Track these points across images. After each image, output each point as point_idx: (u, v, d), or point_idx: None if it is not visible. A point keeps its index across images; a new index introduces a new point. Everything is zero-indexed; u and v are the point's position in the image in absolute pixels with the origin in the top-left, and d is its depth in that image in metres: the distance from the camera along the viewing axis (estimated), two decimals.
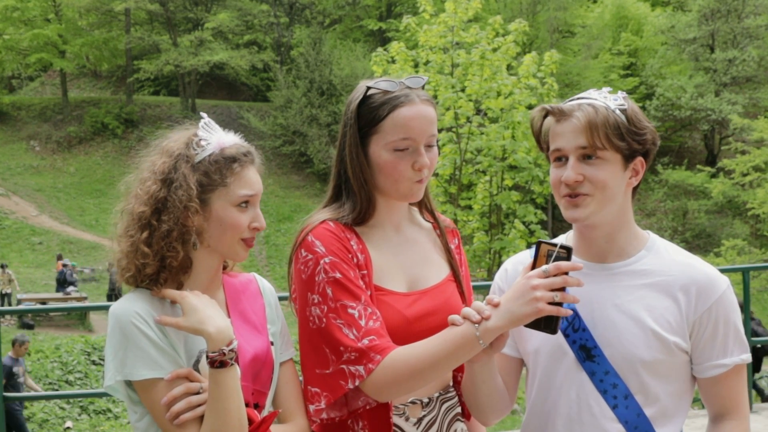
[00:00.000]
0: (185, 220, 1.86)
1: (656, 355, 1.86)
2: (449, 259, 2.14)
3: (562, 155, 1.89)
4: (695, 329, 1.89)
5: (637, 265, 1.93)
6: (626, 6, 38.91)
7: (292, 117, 35.98)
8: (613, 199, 1.89)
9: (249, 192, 1.90)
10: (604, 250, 1.95)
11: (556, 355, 1.94)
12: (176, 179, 1.87)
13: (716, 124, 34.01)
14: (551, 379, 1.96)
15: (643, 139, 1.89)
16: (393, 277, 2.03)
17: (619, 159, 1.87)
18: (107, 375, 1.84)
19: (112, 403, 12.61)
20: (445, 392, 2.08)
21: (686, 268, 1.92)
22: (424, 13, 16.87)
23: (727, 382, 1.92)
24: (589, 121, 1.85)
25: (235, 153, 1.91)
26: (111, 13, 39.73)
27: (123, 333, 1.81)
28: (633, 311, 1.88)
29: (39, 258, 27.57)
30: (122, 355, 1.80)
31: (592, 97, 1.90)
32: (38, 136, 37.71)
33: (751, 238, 29.71)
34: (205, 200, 1.88)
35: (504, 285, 2.09)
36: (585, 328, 1.91)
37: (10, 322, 18.98)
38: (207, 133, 1.93)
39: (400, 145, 1.96)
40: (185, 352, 1.85)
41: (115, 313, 1.83)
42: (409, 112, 1.96)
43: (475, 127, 15.85)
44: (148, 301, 1.86)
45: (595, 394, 1.89)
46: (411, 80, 2.02)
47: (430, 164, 2.00)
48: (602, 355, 1.88)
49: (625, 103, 1.90)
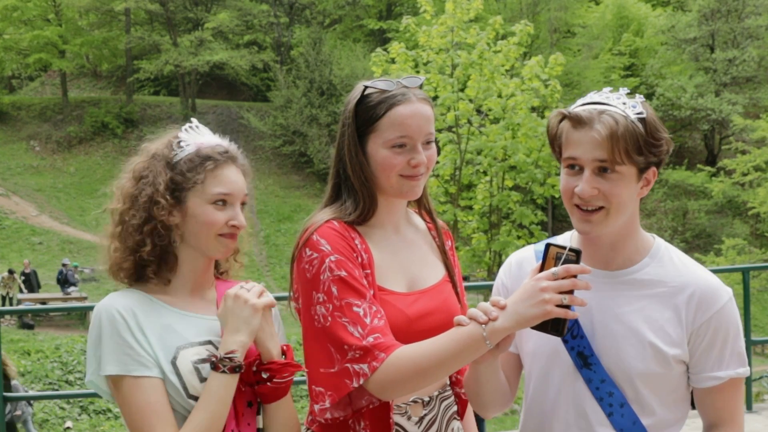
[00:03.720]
0: (154, 214, 1.90)
1: (653, 368, 1.85)
2: (445, 260, 2.16)
3: (576, 164, 1.83)
4: (692, 339, 1.87)
5: (640, 274, 1.90)
6: (627, 6, 38.90)
7: (292, 117, 35.97)
8: (625, 212, 1.85)
9: (223, 190, 1.93)
10: (608, 258, 1.93)
11: (554, 359, 1.93)
12: (147, 176, 1.93)
13: (716, 124, 34.02)
14: (548, 382, 1.95)
15: (660, 150, 1.83)
16: (394, 277, 2.04)
17: (635, 172, 1.82)
18: (88, 371, 1.89)
19: (112, 403, 12.58)
20: (443, 391, 2.10)
21: (689, 277, 1.89)
22: (424, 13, 16.86)
23: (722, 395, 1.90)
24: (612, 135, 1.77)
25: (210, 152, 1.94)
26: (111, 13, 39.71)
27: (100, 329, 1.86)
28: (632, 323, 1.86)
29: (39, 258, 27.55)
30: (99, 352, 1.85)
31: (610, 103, 1.82)
32: (38, 136, 37.69)
33: (751, 237, 29.73)
34: (182, 198, 1.93)
35: (508, 280, 2.06)
36: (583, 336, 1.89)
37: (10, 322, 18.98)
38: (188, 135, 1.98)
39: (397, 143, 1.98)
40: (162, 348, 1.87)
41: (97, 310, 1.89)
42: (406, 111, 1.98)
43: (475, 127, 15.85)
44: (132, 299, 1.91)
45: (591, 401, 1.88)
46: (408, 80, 2.03)
47: (428, 162, 2.01)
48: (599, 364, 1.87)
49: (643, 110, 1.82)
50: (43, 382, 13.08)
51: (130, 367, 1.82)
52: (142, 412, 1.81)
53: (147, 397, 1.82)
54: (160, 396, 1.83)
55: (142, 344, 1.85)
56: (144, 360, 1.83)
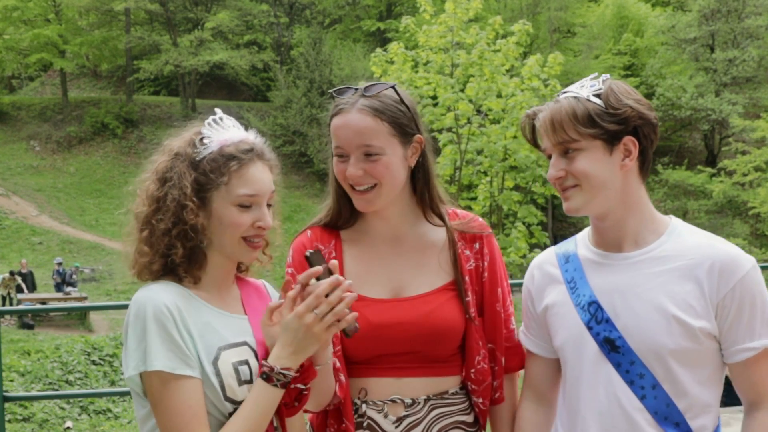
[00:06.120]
0: (183, 217, 1.83)
1: (681, 343, 1.83)
2: (455, 266, 2.08)
3: (547, 154, 1.92)
4: (720, 311, 1.83)
5: (657, 252, 1.89)
6: (627, 6, 38.88)
7: (292, 117, 35.98)
8: (604, 186, 1.87)
9: (248, 191, 1.85)
10: (618, 238, 1.93)
11: (581, 348, 1.93)
12: (172, 178, 1.85)
13: (716, 124, 33.98)
14: (578, 372, 1.95)
15: (623, 118, 1.84)
16: (374, 282, 2.05)
17: (600, 145, 1.85)
18: (128, 365, 1.79)
19: (112, 403, 12.60)
20: (439, 398, 2.06)
21: (708, 249, 1.87)
22: (424, 13, 16.85)
23: (758, 367, 1.85)
24: (551, 118, 1.87)
25: (233, 151, 1.86)
26: (111, 12, 39.69)
27: (146, 322, 1.77)
28: (654, 299, 1.85)
29: (39, 258, 27.53)
30: (144, 346, 1.76)
31: (570, 90, 1.90)
32: (38, 136, 37.68)
33: (751, 237, 29.70)
34: (206, 199, 1.86)
35: (532, 286, 2.09)
36: (608, 319, 1.88)
37: (10, 323, 18.98)
38: (211, 131, 1.90)
39: (336, 152, 2.02)
40: (204, 348, 1.81)
41: (140, 302, 1.80)
42: (338, 122, 2.00)
43: (475, 127, 15.83)
44: (175, 294, 1.83)
45: (622, 386, 1.87)
46: (339, 90, 2.06)
47: (361, 174, 1.99)
48: (627, 346, 1.86)
49: (601, 86, 1.87)
50: (43, 382, 13.06)
51: (175, 365, 1.75)
52: (181, 413, 1.75)
53: (187, 398, 1.75)
54: (199, 398, 1.77)
55: (187, 343, 1.78)
56: (189, 360, 1.77)
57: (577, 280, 1.96)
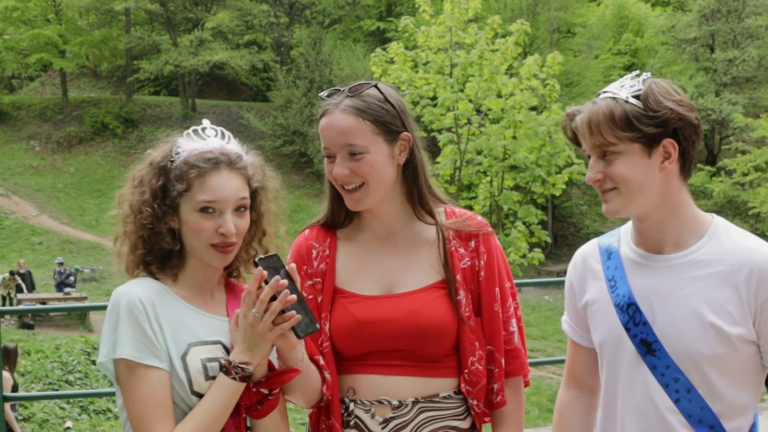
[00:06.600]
0: (147, 221, 1.96)
1: (717, 350, 1.82)
2: (446, 264, 2.07)
3: (587, 154, 1.91)
4: (758, 318, 1.82)
5: (697, 255, 1.88)
6: (627, 6, 38.89)
7: (292, 117, 35.96)
8: (642, 189, 1.85)
9: (207, 198, 1.93)
10: (659, 241, 1.92)
11: (619, 348, 1.93)
12: (142, 183, 1.99)
13: (716, 123, 33.97)
14: (616, 371, 1.96)
15: (662, 120, 1.80)
16: (366, 279, 2.07)
17: (638, 148, 1.82)
18: (101, 352, 1.92)
19: (112, 403, 12.60)
20: (428, 401, 2.04)
21: (749, 253, 1.84)
22: (423, 13, 16.84)
23: None
24: (588, 120, 1.84)
25: (195, 160, 1.95)
26: (111, 12, 39.69)
27: (119, 314, 1.88)
28: (692, 304, 1.84)
29: (39, 258, 27.54)
30: (115, 336, 1.88)
31: (609, 89, 1.87)
32: (38, 136, 37.68)
33: None
34: (176, 205, 1.96)
35: (574, 277, 2.11)
36: (645, 322, 1.88)
37: (10, 323, 18.97)
38: (186, 141, 2.00)
39: (324, 153, 2.06)
40: (174, 342, 1.90)
41: (117, 296, 1.92)
42: (323, 123, 2.04)
43: (475, 127, 15.82)
44: (151, 289, 1.94)
45: (657, 388, 1.87)
46: (326, 92, 2.09)
47: (348, 174, 2.01)
48: (663, 350, 1.86)
49: (641, 86, 1.83)
50: (43, 382, 13.07)
51: (143, 355, 1.85)
52: (146, 402, 1.84)
53: (153, 388, 1.85)
54: (165, 389, 1.86)
55: (157, 336, 1.88)
56: (157, 351, 1.87)
57: (618, 280, 1.96)
